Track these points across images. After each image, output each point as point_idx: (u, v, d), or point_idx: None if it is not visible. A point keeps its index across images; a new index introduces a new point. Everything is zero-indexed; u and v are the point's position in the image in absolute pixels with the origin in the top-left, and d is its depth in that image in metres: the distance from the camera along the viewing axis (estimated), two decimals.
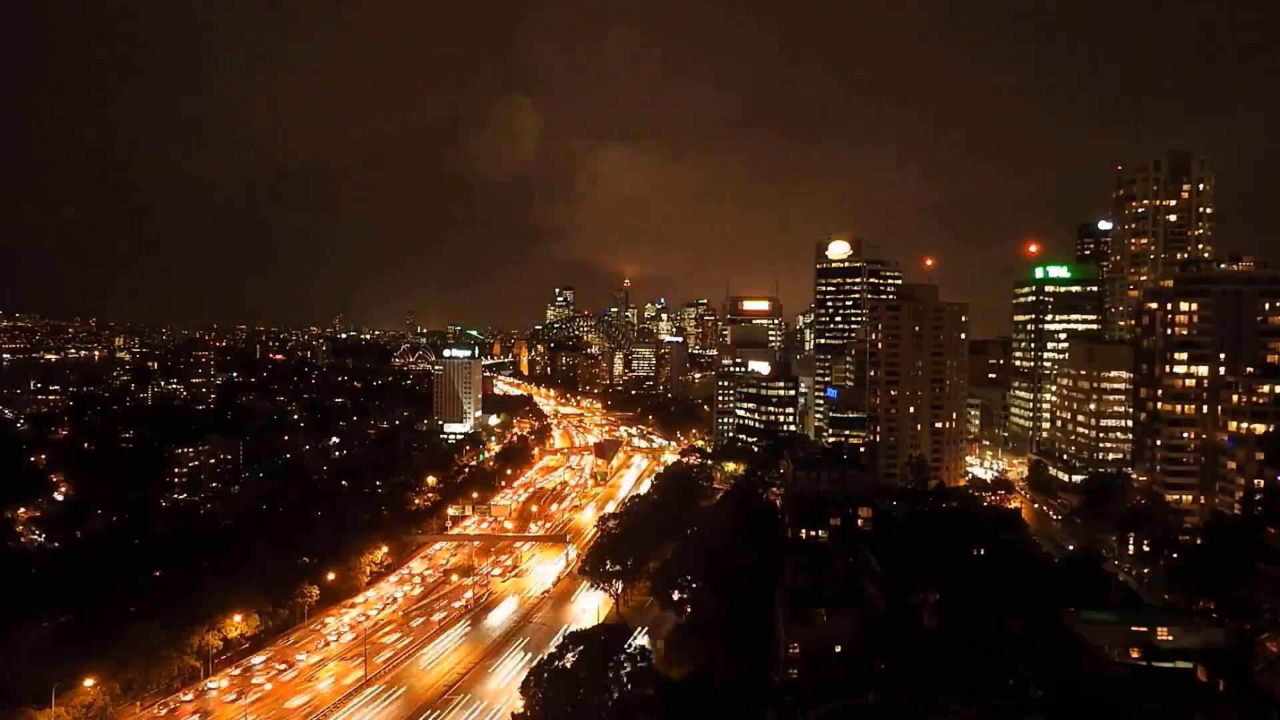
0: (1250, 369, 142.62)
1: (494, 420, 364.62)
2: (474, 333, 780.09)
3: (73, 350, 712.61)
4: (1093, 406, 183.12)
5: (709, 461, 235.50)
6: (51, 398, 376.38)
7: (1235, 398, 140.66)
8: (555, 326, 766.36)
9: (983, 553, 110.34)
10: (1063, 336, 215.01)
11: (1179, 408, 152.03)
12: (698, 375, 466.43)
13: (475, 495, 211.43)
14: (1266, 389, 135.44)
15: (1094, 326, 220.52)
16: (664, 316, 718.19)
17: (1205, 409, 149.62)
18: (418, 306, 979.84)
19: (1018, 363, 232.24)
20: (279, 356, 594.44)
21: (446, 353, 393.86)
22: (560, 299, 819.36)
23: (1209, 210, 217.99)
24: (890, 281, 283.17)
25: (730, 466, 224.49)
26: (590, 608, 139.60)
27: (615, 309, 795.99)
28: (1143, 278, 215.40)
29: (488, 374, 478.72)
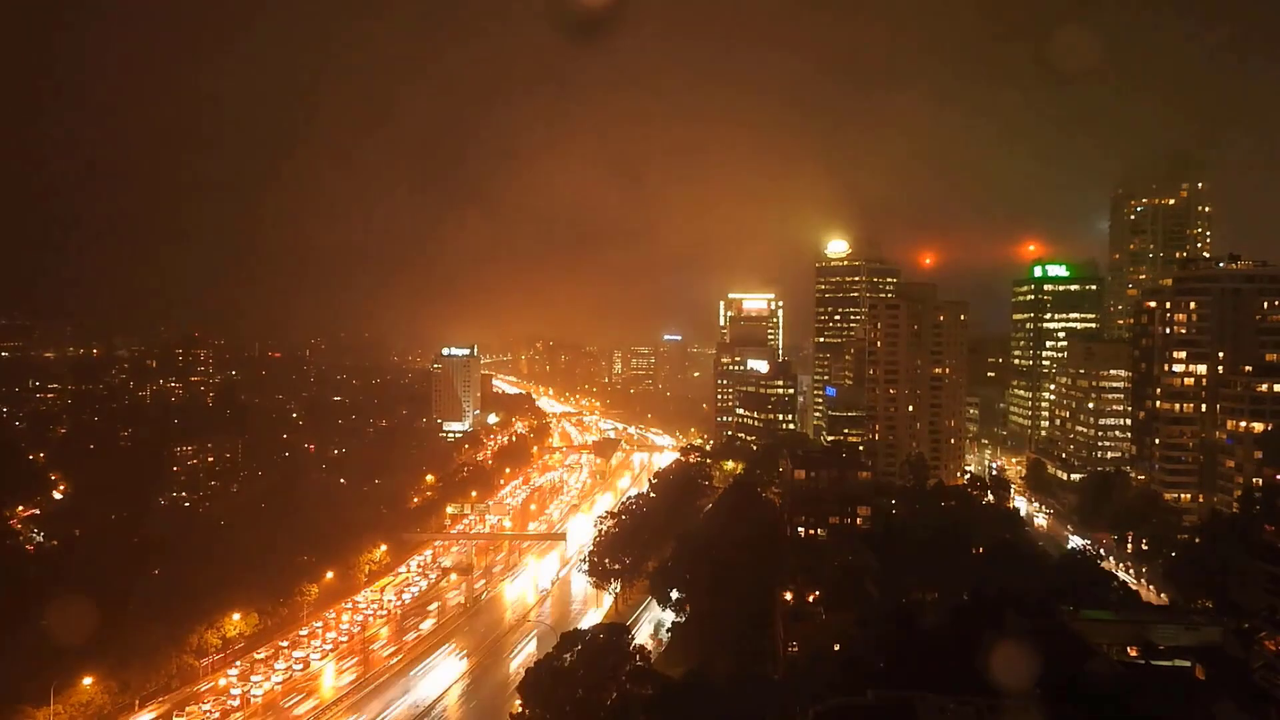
0: (1249, 367, 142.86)
1: (493, 419, 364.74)
2: None
3: (71, 348, 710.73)
4: (1091, 405, 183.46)
5: (708, 460, 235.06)
6: (50, 396, 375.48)
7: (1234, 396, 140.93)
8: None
9: (982, 552, 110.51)
10: (1062, 335, 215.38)
11: (1178, 406, 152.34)
12: (697, 374, 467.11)
13: (474, 494, 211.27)
14: (1265, 387, 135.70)
15: (1093, 325, 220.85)
16: None
17: (1204, 408, 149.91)
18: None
19: (1017, 361, 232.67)
20: (278, 354, 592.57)
21: (445, 350, 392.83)
22: None
23: (1208, 210, 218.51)
24: (889, 280, 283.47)
25: (729, 465, 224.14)
26: (589, 606, 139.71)
27: None
28: (1142, 277, 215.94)
29: (486, 372, 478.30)
